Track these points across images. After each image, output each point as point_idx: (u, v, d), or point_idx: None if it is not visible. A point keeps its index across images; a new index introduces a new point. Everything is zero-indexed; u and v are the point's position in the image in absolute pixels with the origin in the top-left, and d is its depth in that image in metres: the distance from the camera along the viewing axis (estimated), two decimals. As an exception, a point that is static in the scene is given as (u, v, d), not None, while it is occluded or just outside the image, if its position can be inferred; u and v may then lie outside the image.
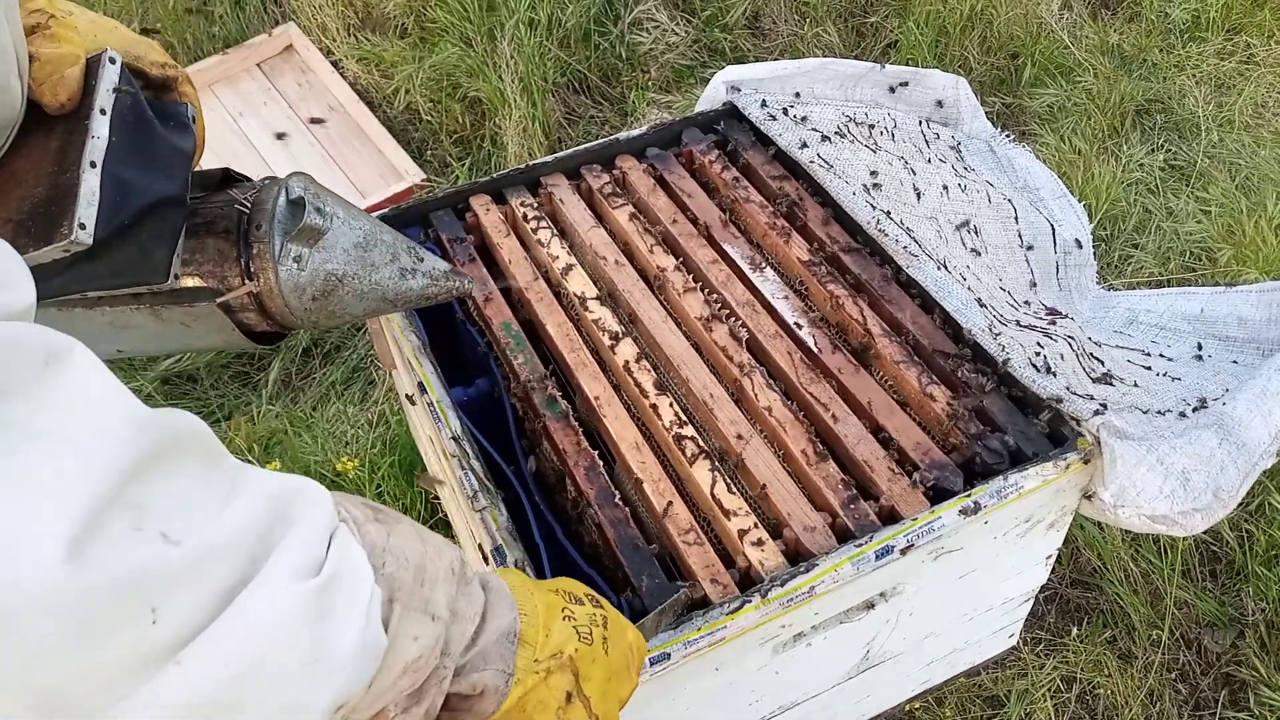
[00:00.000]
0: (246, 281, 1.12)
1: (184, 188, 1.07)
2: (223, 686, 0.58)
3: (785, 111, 1.72)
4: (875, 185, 1.62)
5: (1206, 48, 3.24)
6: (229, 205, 1.14)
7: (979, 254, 1.63)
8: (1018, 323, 1.49)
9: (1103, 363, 1.46)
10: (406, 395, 1.63)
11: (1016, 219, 1.75)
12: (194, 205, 1.14)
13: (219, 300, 1.12)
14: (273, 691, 0.61)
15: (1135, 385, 1.45)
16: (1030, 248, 1.72)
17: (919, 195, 1.66)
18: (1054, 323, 1.54)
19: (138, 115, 1.04)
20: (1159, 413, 1.34)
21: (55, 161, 0.97)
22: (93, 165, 0.96)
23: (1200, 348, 1.55)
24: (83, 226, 0.93)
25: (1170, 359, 1.57)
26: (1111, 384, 1.39)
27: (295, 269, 1.12)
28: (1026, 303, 1.58)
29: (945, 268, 1.51)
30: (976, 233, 1.67)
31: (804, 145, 1.65)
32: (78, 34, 1.02)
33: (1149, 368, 1.53)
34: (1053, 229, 1.76)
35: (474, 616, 0.79)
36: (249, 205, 1.14)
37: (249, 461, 2.14)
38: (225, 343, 1.19)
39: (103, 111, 0.99)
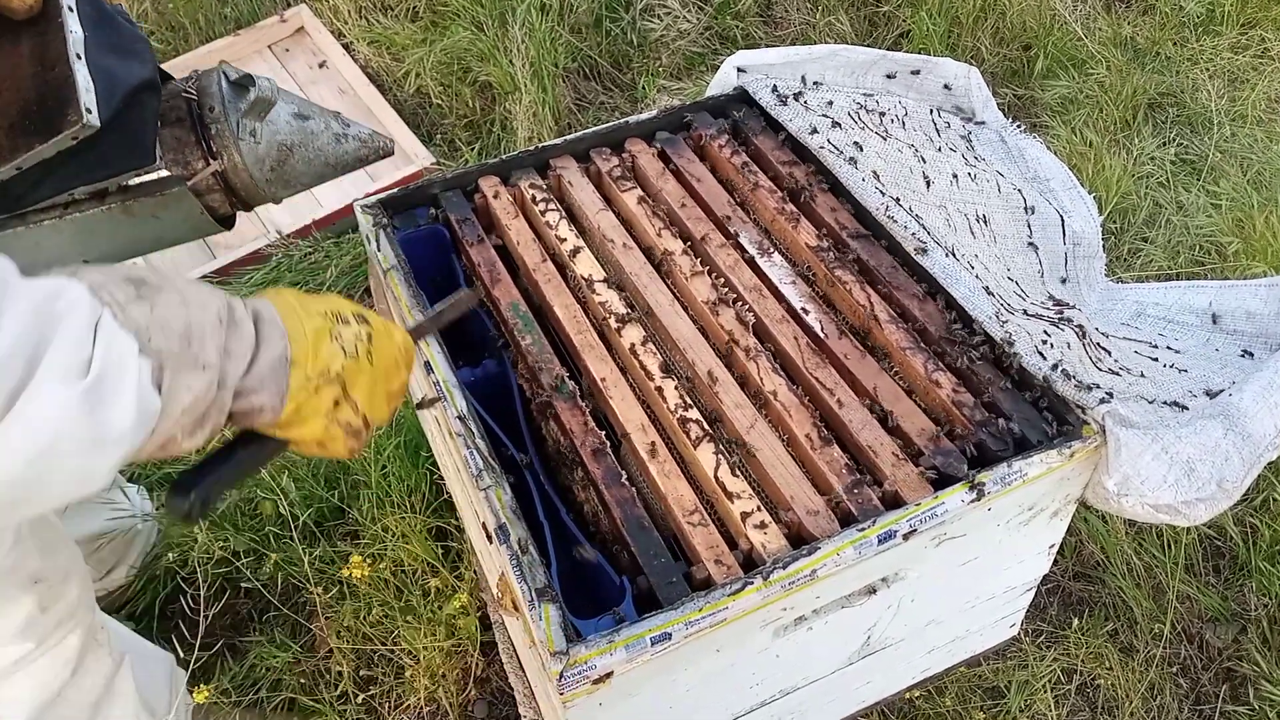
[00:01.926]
0: (211, 161, 1.21)
1: (155, 71, 1.14)
2: (24, 466, 0.75)
3: (796, 97, 1.71)
4: (875, 173, 1.61)
5: (1221, 41, 3.22)
6: (175, 96, 1.22)
7: (989, 243, 1.63)
8: (1025, 311, 1.49)
9: (1109, 353, 1.46)
10: (416, 404, 1.62)
11: (1026, 209, 1.74)
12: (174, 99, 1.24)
13: (190, 182, 1.20)
14: (66, 467, 0.78)
15: (1142, 376, 1.44)
16: (1036, 241, 1.72)
17: (929, 183, 1.65)
18: (1061, 313, 1.53)
19: (97, 8, 1.11)
20: (1165, 403, 1.34)
21: (35, 63, 1.04)
22: (79, 57, 1.03)
23: (1250, 354, 1.54)
24: (89, 110, 1.00)
25: (1178, 351, 1.57)
26: (1118, 374, 1.39)
27: (253, 143, 1.23)
28: (1049, 296, 1.57)
29: (954, 255, 1.50)
30: (986, 222, 1.66)
31: (814, 131, 1.65)
32: None
33: (1155, 359, 1.53)
34: (1062, 220, 1.75)
35: (246, 352, 0.91)
36: (194, 93, 1.22)
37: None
38: (193, 231, 1.27)
39: (70, 9, 1.06)
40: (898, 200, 1.57)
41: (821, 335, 1.42)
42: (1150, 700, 1.94)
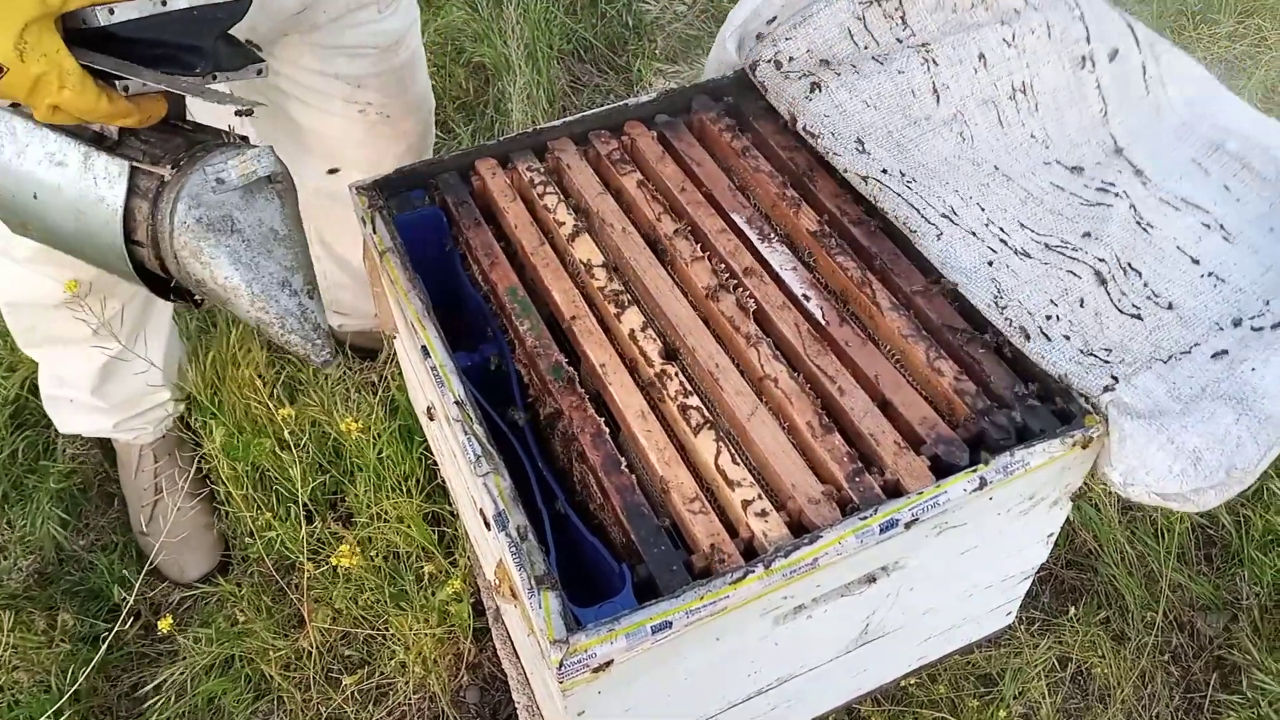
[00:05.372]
0: (166, 169, 1.10)
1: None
2: None
3: (801, 76, 1.69)
4: (860, 142, 1.50)
5: (1218, 30, 3.21)
6: (222, 133, 1.18)
7: (1030, 114, 1.51)
8: (1046, 245, 1.41)
9: (1140, 274, 1.39)
10: (426, 410, 1.59)
11: (1088, 39, 1.64)
12: (199, 127, 1.19)
13: (135, 163, 1.10)
14: None
15: (1169, 307, 1.38)
16: (1099, 76, 1.61)
17: (938, 97, 1.54)
18: (1087, 236, 1.43)
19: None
20: (1184, 352, 1.29)
21: None
22: None
23: None
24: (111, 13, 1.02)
25: (1227, 233, 1.46)
26: (1139, 318, 1.33)
27: (214, 182, 1.10)
28: (1078, 169, 1.46)
29: (953, 216, 1.43)
30: (1026, 90, 1.55)
31: (813, 87, 1.58)
32: None
33: (1197, 260, 1.42)
34: (1132, 29, 1.65)
35: None
36: (238, 138, 1.17)
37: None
38: (110, 243, 1.14)
39: None
40: (902, 174, 1.49)
41: (822, 322, 1.41)
42: (1142, 688, 1.95)
